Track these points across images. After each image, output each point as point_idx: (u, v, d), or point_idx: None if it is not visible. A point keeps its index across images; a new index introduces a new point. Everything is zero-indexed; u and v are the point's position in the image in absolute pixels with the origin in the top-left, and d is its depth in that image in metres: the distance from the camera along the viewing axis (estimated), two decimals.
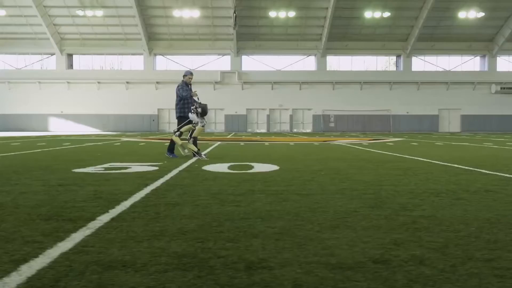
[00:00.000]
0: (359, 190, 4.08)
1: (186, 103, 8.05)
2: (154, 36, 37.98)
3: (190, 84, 8.35)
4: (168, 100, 38.56)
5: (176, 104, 8.19)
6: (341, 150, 11.01)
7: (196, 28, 37.20)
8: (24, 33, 36.80)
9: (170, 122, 39.29)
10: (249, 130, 38.94)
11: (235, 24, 33.98)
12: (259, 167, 6.34)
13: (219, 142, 15.32)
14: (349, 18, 36.14)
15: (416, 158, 8.09)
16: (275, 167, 6.35)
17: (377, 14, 35.10)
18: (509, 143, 14.38)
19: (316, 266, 1.90)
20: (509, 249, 2.15)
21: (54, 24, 36.18)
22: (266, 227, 2.61)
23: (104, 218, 2.81)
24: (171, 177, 5.04)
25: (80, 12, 34.60)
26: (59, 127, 37.90)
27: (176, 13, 35.05)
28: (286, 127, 39.47)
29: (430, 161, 7.42)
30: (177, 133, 7.92)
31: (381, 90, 39.06)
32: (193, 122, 7.85)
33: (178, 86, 8.12)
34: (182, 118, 8.06)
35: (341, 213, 3.03)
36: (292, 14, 35.18)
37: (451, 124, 39.37)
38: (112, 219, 2.79)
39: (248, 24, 36.59)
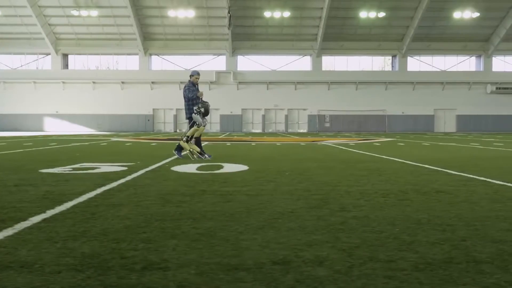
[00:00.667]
0: (311, 190, 4.08)
1: (196, 103, 7.93)
2: (149, 36, 37.99)
3: (197, 84, 8.25)
4: (163, 100, 38.75)
5: (185, 105, 8.06)
6: (323, 150, 11.02)
7: (191, 28, 37.21)
8: (19, 33, 36.81)
9: (165, 122, 39.36)
10: (245, 130, 38.97)
11: (229, 24, 33.99)
12: (229, 168, 6.35)
13: (206, 142, 15.31)
14: (344, 18, 36.15)
15: (392, 158, 8.10)
16: (244, 168, 6.37)
17: (372, 14, 35.10)
18: (496, 143, 14.38)
19: (214, 267, 1.90)
20: (417, 250, 2.15)
21: (49, 24, 36.20)
22: (192, 228, 2.62)
23: (35, 219, 2.82)
24: (133, 178, 5.04)
25: (75, 12, 34.62)
26: (54, 127, 37.92)
27: (171, 13, 35.06)
28: (281, 127, 39.49)
29: (404, 161, 7.42)
30: (184, 139, 7.84)
31: (376, 90, 39.05)
32: (197, 123, 7.82)
33: (184, 87, 8.03)
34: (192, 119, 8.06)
35: (277, 213, 3.04)
36: (287, 14, 35.18)
37: (447, 124, 39.36)
38: (44, 220, 2.80)
39: (243, 24, 36.60)
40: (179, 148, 8.10)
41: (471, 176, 5.26)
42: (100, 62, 39.81)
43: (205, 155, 7.86)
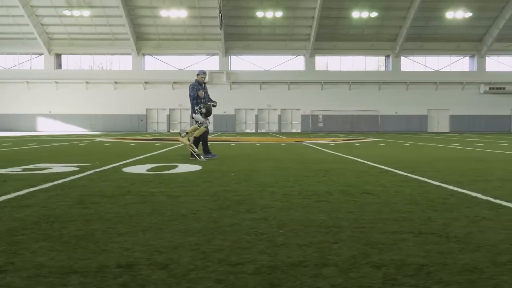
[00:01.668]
0: (238, 191, 4.06)
1: (199, 102, 7.89)
2: (142, 36, 37.99)
3: (204, 83, 8.19)
4: (156, 100, 38.75)
5: (191, 104, 8.05)
6: (297, 150, 10.99)
7: (184, 28, 37.20)
8: (12, 33, 36.82)
9: (158, 122, 39.35)
10: (238, 130, 38.94)
11: (221, 24, 33.96)
12: (182, 168, 6.33)
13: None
14: (337, 18, 36.11)
15: (356, 159, 8.07)
16: (197, 168, 6.36)
17: (365, 14, 35.06)
18: (477, 143, 14.34)
19: (65, 270, 1.89)
20: (268, 253, 2.13)
21: (41, 24, 36.21)
22: (78, 229, 2.60)
23: None
24: (74, 179, 5.02)
25: (67, 12, 34.61)
26: (47, 127, 37.93)
27: (164, 13, 35.05)
28: (274, 128, 39.46)
29: (365, 162, 7.40)
30: (183, 134, 7.83)
31: (370, 90, 39.01)
32: (198, 122, 7.78)
33: (190, 86, 7.99)
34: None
35: (178, 215, 3.02)
36: (279, 14, 35.14)
37: (440, 124, 39.31)
38: None
39: (236, 24, 36.59)
40: (207, 151, 8.00)
41: (415, 177, 5.24)
42: (93, 62, 39.82)
43: (201, 156, 7.75)
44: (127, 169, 6.09)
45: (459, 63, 39.83)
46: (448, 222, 2.80)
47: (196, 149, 7.83)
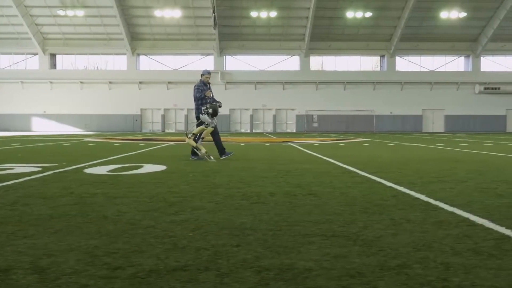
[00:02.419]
0: (182, 193, 4.02)
1: (205, 103, 7.81)
2: (137, 36, 37.95)
3: (209, 83, 8.12)
4: (151, 100, 38.72)
5: (194, 105, 8.00)
6: (276, 150, 10.95)
7: (179, 28, 37.16)
8: (6, 33, 36.79)
9: (153, 122, 39.32)
10: (233, 130, 38.89)
11: (214, 24, 33.91)
12: (147, 168, 6.30)
13: (173, 143, 15.29)
14: (332, 18, 36.05)
15: (329, 159, 8.03)
16: (161, 168, 6.33)
17: (359, 14, 35.00)
18: (462, 144, 14.29)
19: None
20: (159, 257, 2.09)
21: (36, 24, 36.18)
22: None
23: None
24: (26, 180, 4.98)
25: (61, 12, 34.58)
26: (42, 127, 37.91)
27: (158, 13, 35.00)
28: (269, 128, 39.41)
29: (335, 162, 7.35)
30: (190, 135, 7.70)
31: (364, 90, 38.95)
32: (205, 123, 7.70)
33: (194, 87, 7.91)
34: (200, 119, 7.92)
35: (99, 217, 2.98)
36: (273, 14, 35.09)
37: (435, 124, 39.24)
38: None
39: (230, 24, 36.54)
40: (222, 151, 7.97)
41: (374, 178, 5.19)
42: (88, 62, 39.78)
43: (211, 156, 7.62)
44: (89, 170, 6.05)
45: (454, 63, 39.76)
46: (368, 225, 2.76)
47: (203, 150, 7.61)
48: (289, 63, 39.73)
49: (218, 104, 7.89)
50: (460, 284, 1.75)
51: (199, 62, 39.37)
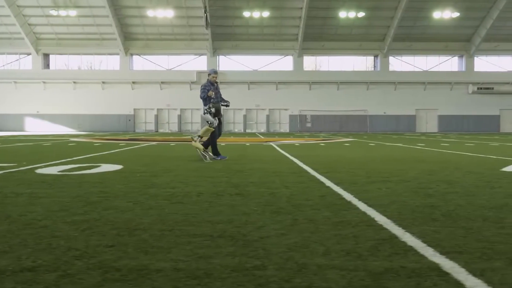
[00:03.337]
0: (112, 192, 4.00)
1: (209, 102, 7.68)
2: (130, 36, 37.94)
3: (216, 83, 7.99)
4: (144, 100, 38.72)
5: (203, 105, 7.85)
6: (250, 150, 10.92)
7: (172, 28, 37.15)
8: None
9: (146, 122, 39.29)
10: (226, 130, 38.84)
11: (207, 24, 33.88)
12: (102, 168, 6.28)
13: (155, 143, 15.27)
14: (324, 18, 36.03)
15: (293, 159, 8.01)
16: (117, 167, 6.31)
17: (352, 14, 34.97)
18: (443, 144, 14.26)
19: None
20: (21, 256, 2.07)
21: (28, 24, 36.19)
22: None
23: None
24: None
25: (53, 12, 34.58)
26: (35, 127, 37.90)
27: (150, 13, 34.99)
28: (263, 128, 39.38)
29: (296, 162, 7.33)
30: (197, 138, 7.63)
31: (358, 90, 38.93)
32: (209, 122, 7.60)
33: (201, 86, 7.78)
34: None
35: (1, 217, 2.96)
36: (266, 14, 35.06)
37: (429, 124, 39.20)
38: None
39: (223, 24, 36.53)
40: (216, 153, 7.81)
41: (319, 178, 5.17)
42: (82, 62, 39.78)
43: (207, 157, 7.53)
44: (41, 170, 6.02)
45: (448, 63, 39.72)
46: (265, 225, 2.73)
47: (202, 147, 7.57)
48: (283, 63, 39.71)
49: (226, 104, 7.87)
50: (299, 285, 1.73)
51: (193, 62, 39.38)
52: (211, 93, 7.64)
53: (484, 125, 38.45)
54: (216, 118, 7.66)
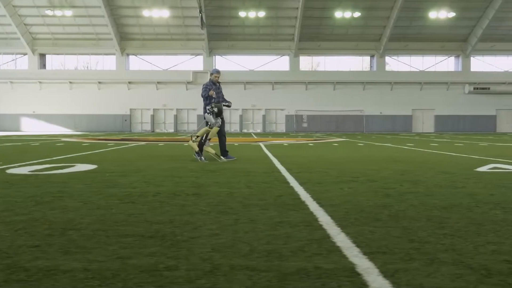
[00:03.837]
0: (65, 192, 3.97)
1: (212, 102, 7.59)
2: (126, 36, 37.91)
3: (219, 83, 7.93)
4: (140, 100, 38.67)
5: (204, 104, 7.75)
6: (235, 150, 10.89)
7: (168, 28, 37.12)
8: None
9: (142, 122, 39.25)
10: None
11: (202, 24, 33.85)
12: (75, 168, 6.26)
13: (144, 143, 15.25)
14: (321, 18, 35.98)
15: (274, 159, 7.98)
16: (90, 167, 6.29)
17: (348, 14, 34.92)
18: (433, 144, 14.22)
19: None
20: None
21: (24, 24, 36.16)
22: None
23: None
24: None
25: (49, 12, 34.55)
26: (31, 127, 37.87)
27: (146, 13, 34.96)
28: (259, 128, 39.34)
29: (275, 162, 7.30)
30: (194, 138, 7.51)
31: (354, 90, 38.86)
32: (209, 123, 7.49)
33: (203, 86, 7.69)
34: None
35: None
36: (262, 14, 35.02)
37: (425, 124, 39.14)
38: None
39: (219, 24, 36.49)
40: (224, 153, 7.69)
41: (287, 178, 5.14)
42: (78, 62, 39.77)
43: (201, 157, 7.40)
44: (13, 170, 6.00)
45: (444, 63, 39.67)
46: (201, 225, 2.69)
47: (212, 151, 7.43)
48: (279, 63, 39.66)
49: (227, 104, 7.77)
50: (202, 286, 1.70)
51: (189, 62, 39.35)
52: (212, 93, 7.58)
53: (480, 125, 38.38)
54: (219, 118, 7.58)
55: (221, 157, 7.46)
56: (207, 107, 7.53)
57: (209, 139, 7.68)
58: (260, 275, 1.81)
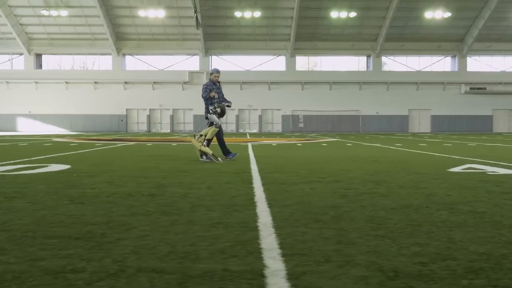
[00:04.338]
0: (20, 193, 3.95)
1: (213, 102, 7.56)
2: (122, 36, 37.91)
3: (219, 82, 7.83)
4: (136, 100, 38.67)
5: (205, 104, 7.70)
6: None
7: (164, 28, 37.11)
8: None
9: (138, 122, 39.25)
10: None
11: (197, 24, 33.83)
12: (48, 168, 6.23)
13: (132, 143, 15.24)
14: (316, 18, 35.96)
15: (253, 160, 7.96)
16: (63, 167, 6.27)
17: (344, 14, 34.88)
18: (422, 144, 14.19)
19: None
20: None
21: (20, 24, 36.17)
22: None
23: None
24: None
25: (45, 12, 34.55)
26: (27, 128, 37.88)
27: (142, 13, 34.95)
28: (255, 128, 39.32)
29: (252, 163, 7.28)
30: (205, 143, 7.41)
31: (350, 90, 38.83)
32: (214, 123, 7.46)
33: (203, 86, 7.63)
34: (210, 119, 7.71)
35: None
36: (258, 14, 35.00)
37: (421, 124, 39.10)
38: None
39: (215, 24, 36.49)
40: (226, 152, 7.66)
41: (253, 179, 5.12)
42: (74, 62, 39.75)
43: (219, 158, 7.30)
44: None
45: (441, 63, 39.63)
46: (116, 226, 2.67)
47: (211, 152, 7.36)
48: (275, 63, 39.65)
49: (227, 104, 7.71)
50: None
51: (185, 62, 39.35)
52: (214, 94, 7.52)
53: (477, 125, 38.34)
54: (220, 118, 7.56)
55: (219, 158, 7.36)
56: (210, 108, 7.48)
57: (205, 137, 7.62)
58: (162, 278, 1.79)
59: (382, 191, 4.09)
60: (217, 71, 7.79)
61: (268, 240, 2.36)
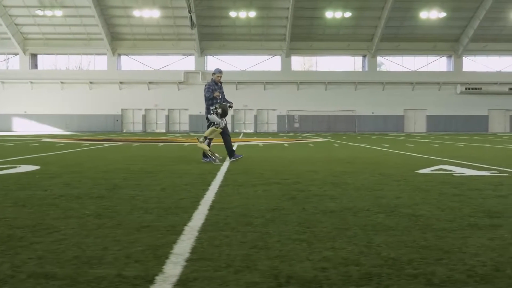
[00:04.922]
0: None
1: (214, 103, 7.46)
2: (117, 36, 37.90)
3: (221, 83, 7.77)
4: (132, 100, 38.67)
5: (206, 105, 7.60)
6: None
7: (159, 28, 37.10)
8: None
9: (134, 122, 39.25)
10: None
11: (192, 24, 33.81)
12: (18, 169, 6.22)
13: (120, 143, 15.22)
14: (312, 18, 35.94)
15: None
16: (31, 168, 6.25)
17: (339, 14, 34.84)
18: (409, 144, 14.16)
19: None
20: None
21: (15, 24, 36.18)
22: None
23: None
24: None
25: (39, 12, 34.54)
26: (22, 128, 37.89)
27: (137, 13, 34.93)
28: (251, 128, 39.31)
29: (223, 165, 7.26)
30: (201, 139, 7.40)
31: (346, 90, 38.82)
32: (215, 123, 7.43)
33: (205, 86, 7.57)
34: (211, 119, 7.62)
35: None
36: (253, 14, 34.97)
37: (417, 124, 39.07)
38: None
39: (210, 24, 36.48)
40: (231, 153, 7.61)
41: (217, 180, 5.09)
42: (70, 62, 39.77)
43: (216, 160, 7.25)
44: None
45: (436, 63, 39.60)
46: (43, 229, 2.65)
47: (216, 154, 7.36)
48: (271, 63, 39.63)
49: (229, 104, 7.66)
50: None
51: (180, 62, 39.35)
52: (218, 94, 7.45)
53: (472, 126, 38.30)
54: (223, 118, 7.50)
55: (216, 159, 7.31)
56: (211, 108, 7.42)
57: (210, 139, 7.56)
58: (48, 284, 1.76)
59: (334, 193, 4.07)
60: (220, 71, 7.75)
61: (183, 245, 2.34)
